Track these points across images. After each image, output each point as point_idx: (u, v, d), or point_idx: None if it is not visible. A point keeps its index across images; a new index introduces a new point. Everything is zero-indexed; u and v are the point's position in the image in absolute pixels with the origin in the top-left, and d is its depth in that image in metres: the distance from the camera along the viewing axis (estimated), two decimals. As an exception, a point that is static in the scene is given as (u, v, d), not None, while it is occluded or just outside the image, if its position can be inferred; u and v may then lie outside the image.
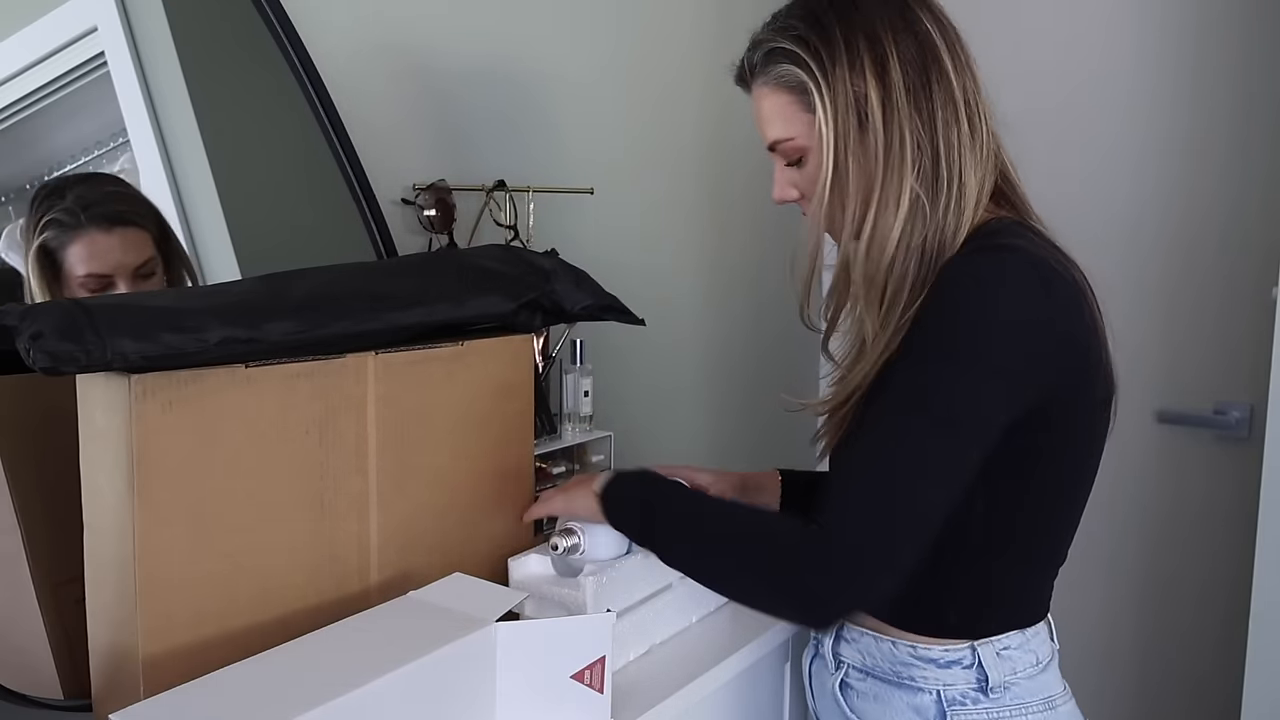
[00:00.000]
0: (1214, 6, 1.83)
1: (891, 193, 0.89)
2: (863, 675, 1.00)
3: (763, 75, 0.95)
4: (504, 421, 1.06)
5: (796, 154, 0.95)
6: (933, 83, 0.90)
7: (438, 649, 0.76)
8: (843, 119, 0.90)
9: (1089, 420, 0.92)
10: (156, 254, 1.07)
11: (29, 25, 1.03)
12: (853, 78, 0.89)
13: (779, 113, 0.94)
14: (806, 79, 0.91)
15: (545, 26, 1.65)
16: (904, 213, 0.89)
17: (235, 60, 1.23)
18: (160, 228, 1.08)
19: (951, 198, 0.90)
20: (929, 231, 0.89)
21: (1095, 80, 1.96)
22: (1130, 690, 2.01)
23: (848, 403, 0.94)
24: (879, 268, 0.90)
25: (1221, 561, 1.88)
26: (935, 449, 0.83)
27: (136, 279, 1.04)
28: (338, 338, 0.86)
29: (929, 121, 0.89)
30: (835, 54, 0.90)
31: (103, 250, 1.02)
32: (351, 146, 1.28)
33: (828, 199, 0.92)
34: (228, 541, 0.81)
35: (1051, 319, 0.85)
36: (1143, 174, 1.92)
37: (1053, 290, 0.85)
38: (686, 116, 1.97)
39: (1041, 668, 0.95)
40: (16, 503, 0.90)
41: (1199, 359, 1.89)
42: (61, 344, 0.70)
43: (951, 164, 0.90)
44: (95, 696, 0.82)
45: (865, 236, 0.91)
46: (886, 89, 0.89)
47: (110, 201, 1.05)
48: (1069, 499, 0.95)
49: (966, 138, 0.91)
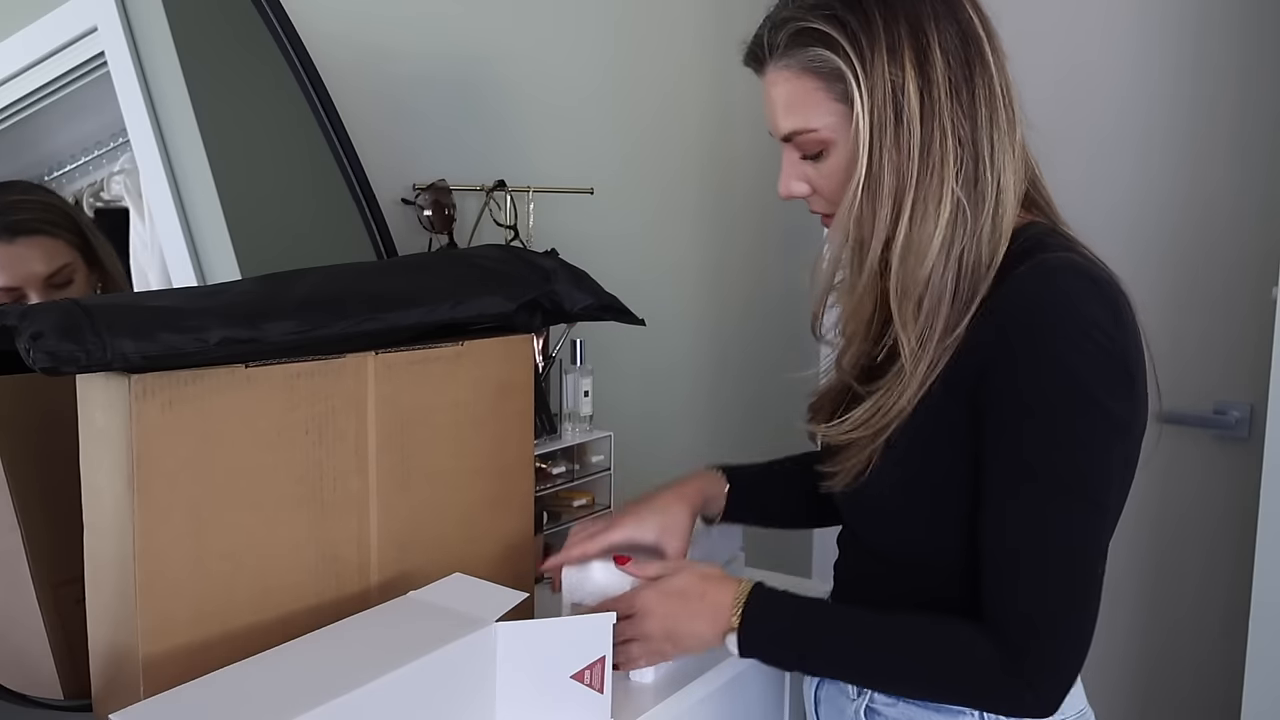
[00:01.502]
0: (1214, 6, 1.83)
1: (931, 196, 0.82)
2: (892, 701, 0.93)
3: (787, 57, 0.85)
4: (504, 421, 1.06)
5: (817, 147, 0.87)
6: (975, 76, 0.83)
7: (438, 649, 0.76)
8: (879, 112, 0.82)
9: (1141, 439, 0.87)
10: (77, 259, 1.04)
11: (29, 25, 1.03)
12: (891, 67, 0.81)
13: (803, 100, 0.85)
14: (843, 66, 0.82)
15: (546, 26, 1.65)
16: (945, 219, 0.82)
17: (235, 60, 1.23)
18: (78, 233, 1.05)
19: (992, 202, 0.83)
20: (969, 240, 0.83)
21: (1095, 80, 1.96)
22: (1130, 690, 2.01)
23: (885, 431, 0.86)
24: (916, 280, 0.83)
25: (1221, 561, 1.88)
26: (1097, 529, 0.81)
27: (49, 288, 1.01)
28: (338, 338, 0.86)
29: (970, 118, 0.82)
30: (875, 39, 0.81)
31: (9, 262, 0.99)
32: (351, 146, 1.27)
33: (859, 201, 0.84)
34: (228, 541, 0.81)
35: (1124, 345, 0.81)
36: (1143, 174, 1.92)
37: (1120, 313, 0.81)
38: (688, 116, 1.97)
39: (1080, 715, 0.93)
40: (16, 503, 0.90)
41: (1199, 359, 1.89)
42: (61, 344, 0.70)
43: (995, 165, 0.83)
44: (95, 696, 0.82)
45: (900, 244, 0.83)
46: (927, 81, 0.81)
47: (10, 211, 1.02)
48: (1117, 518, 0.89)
49: (1006, 137, 0.84)
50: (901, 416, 0.85)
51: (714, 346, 2.11)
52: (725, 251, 2.10)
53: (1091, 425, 0.79)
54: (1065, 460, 0.80)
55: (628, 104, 1.84)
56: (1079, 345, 0.79)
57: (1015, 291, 0.81)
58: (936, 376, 0.84)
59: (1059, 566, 0.80)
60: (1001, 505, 0.82)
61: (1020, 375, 0.80)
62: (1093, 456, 0.80)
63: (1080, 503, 0.80)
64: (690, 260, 2.03)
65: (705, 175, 2.04)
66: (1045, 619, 0.81)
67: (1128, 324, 0.82)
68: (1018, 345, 0.80)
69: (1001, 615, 0.82)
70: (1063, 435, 0.79)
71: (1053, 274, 0.81)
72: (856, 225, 0.86)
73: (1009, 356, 0.80)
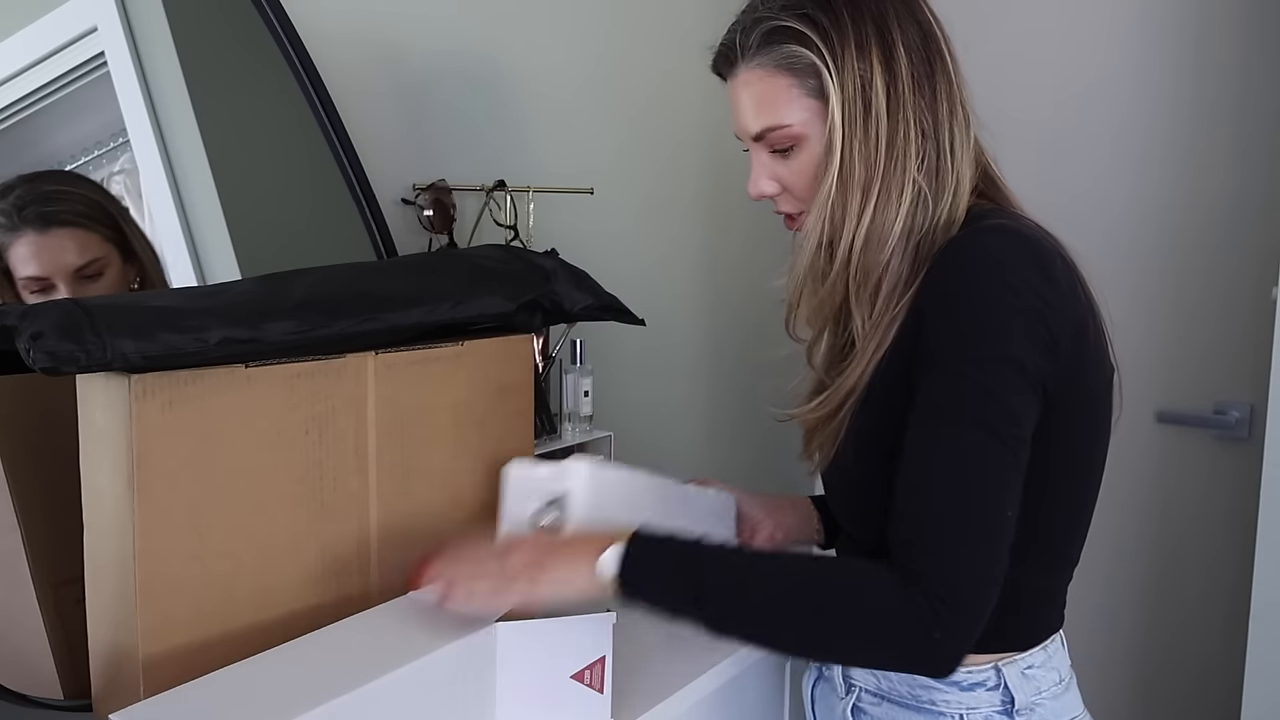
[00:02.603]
0: (1214, 6, 1.83)
1: (894, 185, 0.86)
2: (877, 700, 0.94)
3: (760, 56, 0.88)
4: (504, 421, 1.06)
5: (788, 143, 0.89)
6: (935, 73, 0.87)
7: (438, 649, 0.76)
8: (850, 105, 0.85)
9: (1096, 404, 0.88)
10: (111, 253, 1.04)
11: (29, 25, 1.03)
12: (860, 62, 0.85)
13: (776, 97, 0.88)
14: (816, 61, 0.85)
15: (546, 26, 1.65)
16: (906, 206, 0.86)
17: (235, 60, 1.23)
18: (113, 226, 1.06)
19: (950, 190, 0.87)
20: (926, 225, 0.87)
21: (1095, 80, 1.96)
22: (1130, 690, 2.01)
23: (841, 409, 0.89)
24: (876, 263, 0.87)
25: (1221, 561, 1.88)
26: (996, 461, 0.79)
27: (80, 280, 1.02)
28: (338, 338, 0.86)
29: (932, 111, 0.86)
30: (845, 36, 0.85)
31: (38, 252, 1.00)
32: (351, 146, 1.27)
33: (834, 192, 0.87)
34: (228, 541, 0.81)
35: (1049, 301, 0.81)
36: (1143, 174, 1.92)
37: (1049, 270, 0.82)
38: (687, 116, 1.97)
39: (1064, 686, 0.92)
40: (16, 503, 0.90)
41: (1199, 359, 1.88)
42: (61, 344, 0.70)
43: (954, 156, 0.87)
44: (95, 696, 0.82)
45: (864, 231, 0.87)
46: (893, 75, 0.85)
47: (46, 202, 1.02)
48: (1082, 491, 0.91)
49: (963, 129, 0.88)
50: (855, 394, 0.88)
51: (714, 346, 2.11)
52: (725, 251, 2.10)
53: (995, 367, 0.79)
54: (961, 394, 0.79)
55: (628, 104, 1.84)
56: (992, 293, 0.80)
57: (946, 254, 0.84)
58: (884, 352, 0.86)
59: (959, 499, 0.78)
60: (908, 442, 0.82)
61: (937, 325, 0.82)
62: (991, 392, 0.79)
63: (975, 433, 0.78)
64: (690, 260, 2.03)
65: (705, 175, 2.04)
66: (948, 559, 0.76)
67: (1058, 281, 0.82)
68: (938, 300, 0.83)
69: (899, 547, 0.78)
70: (956, 369, 0.80)
71: (979, 234, 0.84)
72: (830, 217, 0.88)
73: (932, 312, 0.83)
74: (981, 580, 0.77)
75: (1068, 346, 0.82)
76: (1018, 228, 0.84)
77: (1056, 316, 0.81)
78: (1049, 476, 0.85)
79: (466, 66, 1.52)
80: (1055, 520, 0.89)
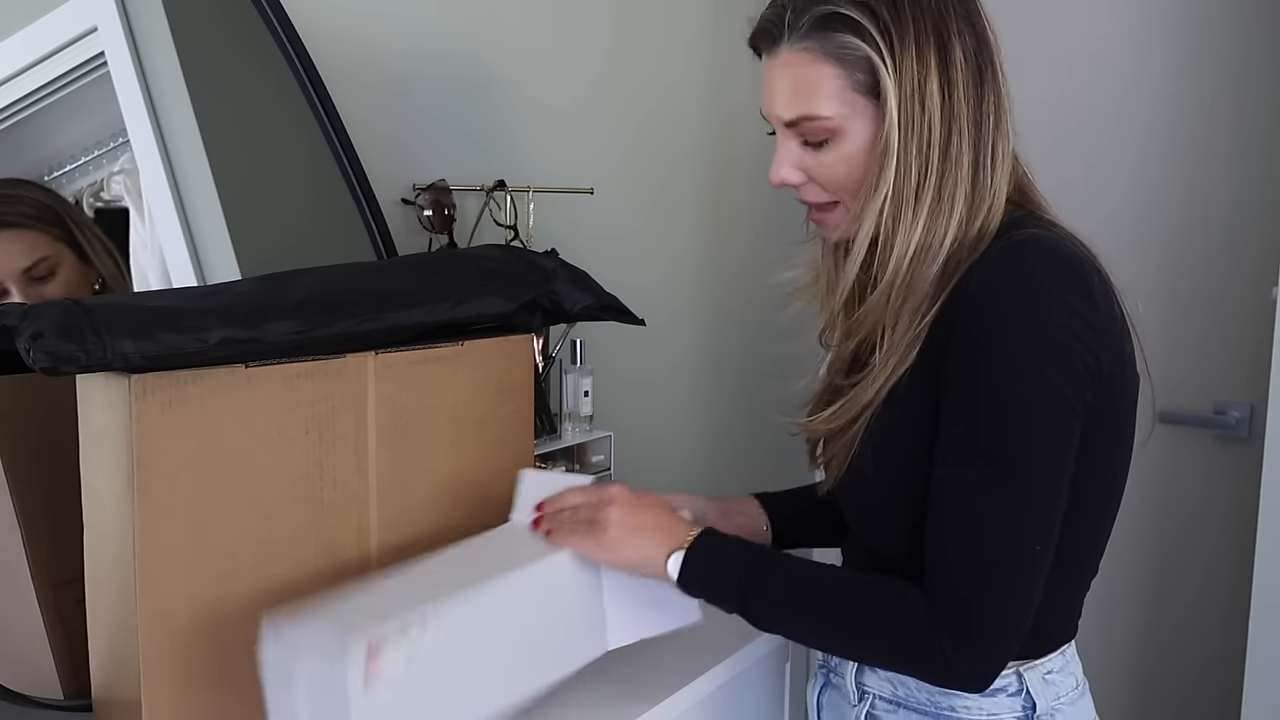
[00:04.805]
0: (1213, 5, 1.83)
1: (946, 195, 0.82)
2: (893, 707, 0.93)
3: (809, 40, 0.83)
4: (504, 421, 1.06)
5: (823, 135, 0.85)
6: (986, 82, 0.84)
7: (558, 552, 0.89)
8: (907, 106, 0.81)
9: (1125, 423, 0.87)
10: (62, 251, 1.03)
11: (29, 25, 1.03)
12: (918, 64, 0.81)
13: (818, 86, 0.83)
14: (873, 55, 0.81)
15: (545, 26, 1.65)
16: (957, 218, 0.82)
17: (235, 60, 1.23)
18: (61, 225, 1.04)
19: (986, 205, 0.84)
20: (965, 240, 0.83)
21: (1095, 79, 1.96)
22: (1130, 690, 2.01)
23: (857, 422, 0.87)
24: (924, 278, 0.83)
25: (1221, 561, 1.88)
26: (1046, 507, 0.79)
27: (30, 282, 1.01)
28: (338, 338, 0.86)
29: (982, 123, 0.83)
30: (905, 33, 0.81)
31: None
32: (351, 146, 1.27)
33: (889, 202, 0.83)
34: (228, 541, 0.81)
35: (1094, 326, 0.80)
36: (1142, 174, 1.92)
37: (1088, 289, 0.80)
38: (688, 115, 1.98)
39: (1080, 691, 0.92)
40: (16, 503, 0.90)
41: (1199, 359, 1.89)
42: (61, 344, 0.70)
43: (994, 170, 0.84)
44: (95, 696, 0.82)
45: (915, 242, 0.83)
46: (949, 82, 0.82)
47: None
48: (1105, 505, 0.90)
49: (1005, 142, 0.85)
50: (873, 407, 0.86)
51: (714, 346, 2.11)
52: (725, 251, 2.10)
53: (1036, 401, 0.78)
54: (1002, 433, 0.78)
55: (628, 103, 1.84)
56: (1037, 326, 0.78)
57: (982, 272, 0.81)
58: (908, 366, 0.84)
59: (983, 538, 0.79)
60: (939, 473, 0.82)
61: (970, 347, 0.80)
62: (1030, 430, 0.78)
63: (1026, 481, 0.78)
64: (690, 260, 2.03)
65: (705, 174, 2.04)
66: (970, 588, 0.79)
67: (1098, 301, 0.80)
68: (972, 321, 0.80)
69: (932, 579, 0.81)
70: (1002, 408, 0.79)
71: (1016, 251, 0.81)
72: (883, 226, 0.84)
73: (970, 338, 0.80)
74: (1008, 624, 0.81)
75: (1109, 371, 0.81)
76: (1054, 242, 0.82)
77: (1100, 342, 0.80)
78: (1076, 492, 0.84)
79: (466, 67, 1.52)
80: (1080, 533, 0.88)
